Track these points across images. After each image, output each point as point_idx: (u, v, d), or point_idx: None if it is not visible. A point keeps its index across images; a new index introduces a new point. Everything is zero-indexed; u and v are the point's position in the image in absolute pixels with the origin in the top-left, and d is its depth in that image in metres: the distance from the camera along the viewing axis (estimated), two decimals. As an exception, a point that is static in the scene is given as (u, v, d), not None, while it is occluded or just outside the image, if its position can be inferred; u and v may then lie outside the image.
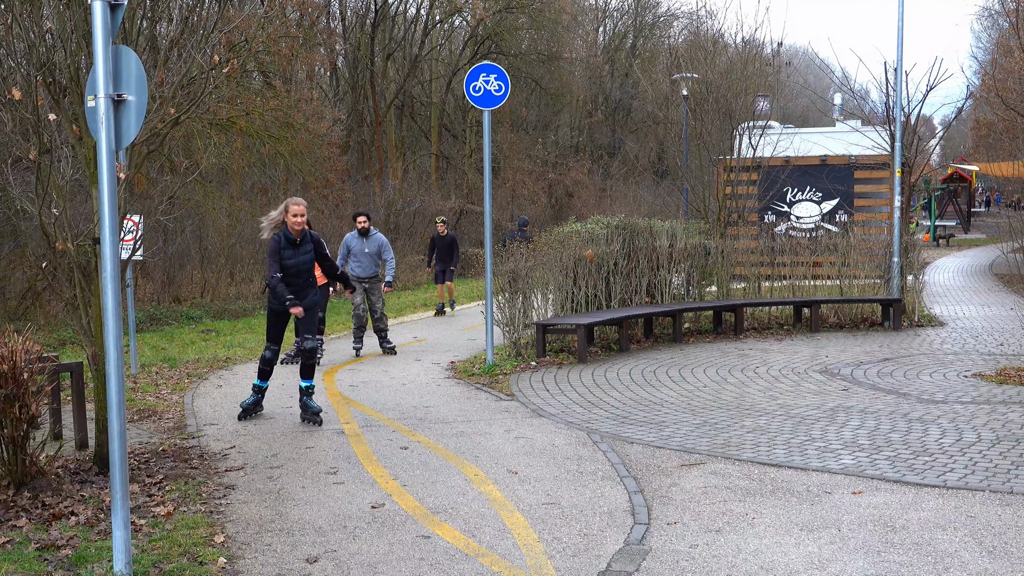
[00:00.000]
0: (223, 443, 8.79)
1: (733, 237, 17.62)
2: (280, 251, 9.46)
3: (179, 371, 12.93)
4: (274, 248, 9.47)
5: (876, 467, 7.66)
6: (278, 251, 9.46)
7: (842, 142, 21.88)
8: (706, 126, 19.10)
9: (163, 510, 6.70)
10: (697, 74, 21.13)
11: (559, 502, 6.92)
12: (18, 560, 5.70)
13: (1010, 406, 9.84)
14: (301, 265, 9.60)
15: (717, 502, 6.87)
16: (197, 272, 22.52)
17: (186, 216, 22.24)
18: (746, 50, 21.96)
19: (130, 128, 5.28)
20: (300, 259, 9.59)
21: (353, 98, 37.82)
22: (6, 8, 7.76)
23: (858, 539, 6.07)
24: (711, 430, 9.02)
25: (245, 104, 25.92)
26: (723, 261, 16.85)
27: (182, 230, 22.17)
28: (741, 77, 19.51)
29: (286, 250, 9.50)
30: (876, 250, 17.61)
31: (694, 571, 5.58)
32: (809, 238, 18.63)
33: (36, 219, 7.36)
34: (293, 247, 9.54)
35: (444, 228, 19.89)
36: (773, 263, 17.40)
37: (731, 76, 19.52)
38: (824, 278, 17.58)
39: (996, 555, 5.77)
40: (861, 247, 17.66)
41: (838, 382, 11.29)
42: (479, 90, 12.71)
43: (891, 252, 16.91)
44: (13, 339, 7.18)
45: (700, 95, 20.72)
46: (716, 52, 21.84)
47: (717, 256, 16.83)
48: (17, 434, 6.97)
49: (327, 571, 5.65)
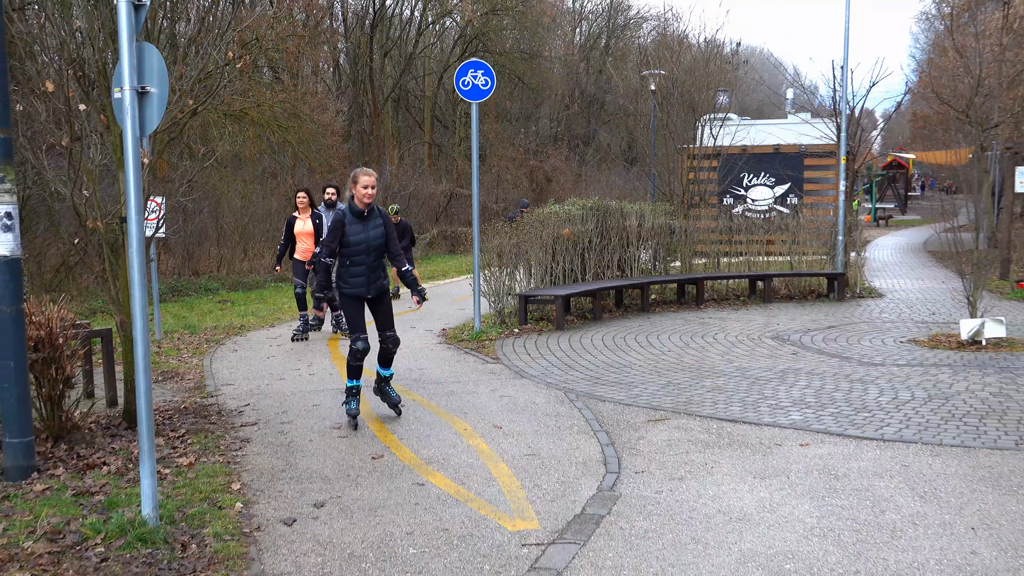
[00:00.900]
0: (238, 401, 8.79)
1: (695, 218, 17.63)
2: (344, 226, 7.71)
3: (198, 337, 12.91)
4: (337, 223, 7.71)
5: (821, 422, 7.72)
6: (341, 227, 7.70)
7: (793, 133, 21.89)
8: (672, 118, 19.07)
9: (185, 461, 6.71)
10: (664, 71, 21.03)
11: (539, 453, 6.96)
12: (56, 505, 5.71)
13: (940, 368, 9.91)
14: (372, 241, 7.77)
15: (680, 453, 6.92)
16: (214, 248, 22.44)
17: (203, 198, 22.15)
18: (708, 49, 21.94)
19: (153, 118, 5.26)
20: (369, 234, 7.77)
21: (354, 91, 37.63)
22: (39, 8, 7.70)
23: (805, 486, 6.13)
24: (674, 389, 9.06)
25: (256, 96, 25.80)
26: (686, 239, 16.89)
27: (200, 211, 22.08)
28: (703, 74, 19.48)
29: (352, 225, 7.73)
30: (823, 229, 17.69)
31: (659, 514, 5.63)
32: (763, 219, 18.66)
33: (68, 200, 7.33)
34: (360, 221, 7.76)
35: (397, 219, 16.80)
36: (731, 241, 17.46)
37: (694, 73, 19.49)
38: (776, 254, 17.65)
39: (927, 500, 5.83)
40: (809, 227, 17.76)
41: (788, 347, 11.35)
42: (468, 85, 12.66)
43: (836, 231, 16.97)
44: (49, 308, 7.18)
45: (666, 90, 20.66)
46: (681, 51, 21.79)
47: (681, 235, 16.86)
48: (54, 393, 6.98)
49: (332, 514, 5.68)
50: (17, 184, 6.27)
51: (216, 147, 20.27)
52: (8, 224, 6.20)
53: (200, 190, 21.32)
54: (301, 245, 12.50)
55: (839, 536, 5.25)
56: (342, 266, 7.81)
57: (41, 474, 6.32)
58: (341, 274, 7.83)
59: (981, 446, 6.97)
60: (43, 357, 6.86)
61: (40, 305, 7.23)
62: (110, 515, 5.47)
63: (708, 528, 5.39)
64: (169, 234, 16.70)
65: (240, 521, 5.53)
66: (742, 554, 5.01)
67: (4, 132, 6.17)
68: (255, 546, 5.17)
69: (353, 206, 7.76)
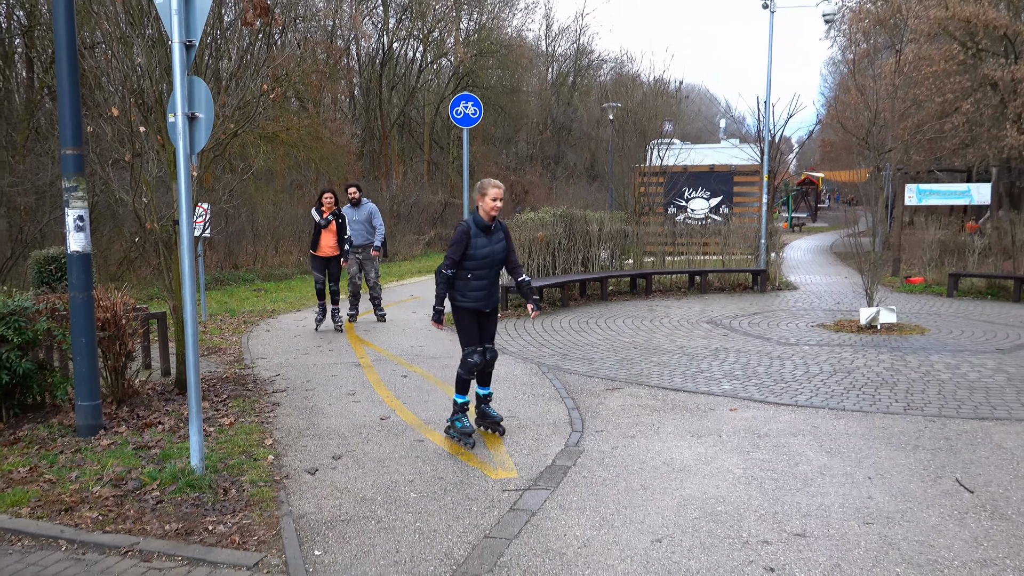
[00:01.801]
0: (271, 372, 8.75)
1: (645, 224, 17.63)
2: (470, 239, 6.19)
3: (237, 319, 12.82)
4: (461, 235, 6.19)
5: (747, 391, 7.76)
6: (466, 239, 6.18)
7: (725, 155, 21.93)
8: (626, 142, 19.05)
9: (226, 420, 6.68)
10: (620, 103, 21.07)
11: (517, 416, 6.96)
12: (120, 456, 5.68)
13: (843, 348, 9.98)
14: (495, 255, 6.30)
15: (632, 416, 6.94)
16: (250, 246, 22.26)
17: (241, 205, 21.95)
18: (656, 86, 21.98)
19: (200, 138, 5.23)
20: (493, 248, 6.28)
21: (366, 118, 37.38)
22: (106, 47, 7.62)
23: (733, 443, 6.16)
24: (628, 364, 9.08)
25: (285, 122, 25.70)
26: (638, 241, 16.90)
27: (238, 215, 21.89)
28: (652, 106, 19.49)
29: (478, 238, 6.21)
30: (748, 234, 17.73)
31: (615, 465, 5.65)
32: (700, 225, 18.69)
33: (130, 205, 7.28)
34: (486, 235, 6.24)
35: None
36: (674, 243, 17.48)
37: (645, 105, 19.50)
38: (711, 254, 17.68)
39: (832, 454, 5.88)
40: (738, 232, 17.79)
41: (720, 330, 11.40)
42: (460, 113, 12.63)
43: (759, 236, 17.04)
44: (114, 295, 7.14)
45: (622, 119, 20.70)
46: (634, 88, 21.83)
47: (633, 238, 16.87)
48: (118, 364, 6.94)
49: (348, 465, 5.67)
50: (87, 192, 6.22)
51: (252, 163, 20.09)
52: (80, 225, 6.15)
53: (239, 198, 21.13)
54: (323, 242, 11.53)
55: (761, 484, 5.28)
56: (461, 279, 6.28)
57: (107, 431, 6.28)
58: (460, 287, 6.30)
59: (876, 411, 7.03)
60: (109, 335, 6.82)
61: (106, 292, 7.19)
62: (164, 465, 5.45)
63: (655, 477, 5.41)
64: (213, 234, 16.59)
65: (272, 470, 5.52)
66: (682, 498, 5.04)
67: (77, 149, 6.13)
68: (284, 491, 5.16)
69: (479, 219, 6.22)
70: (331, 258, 11.45)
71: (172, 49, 5.07)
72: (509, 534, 4.52)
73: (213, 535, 4.49)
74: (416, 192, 32.89)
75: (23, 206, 16.13)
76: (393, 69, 38.17)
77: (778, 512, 4.81)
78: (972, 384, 7.96)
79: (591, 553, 4.28)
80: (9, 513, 4.77)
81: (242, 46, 16.16)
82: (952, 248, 17.76)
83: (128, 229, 16.04)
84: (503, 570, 4.09)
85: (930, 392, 7.66)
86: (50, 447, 5.92)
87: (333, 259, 11.49)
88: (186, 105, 5.13)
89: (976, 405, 7.18)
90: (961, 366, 8.80)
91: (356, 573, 4.07)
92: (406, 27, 37.94)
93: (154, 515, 4.73)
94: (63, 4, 6.00)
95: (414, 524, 4.66)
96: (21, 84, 22.55)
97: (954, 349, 9.80)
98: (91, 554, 4.30)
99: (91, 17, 7.83)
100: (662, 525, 4.63)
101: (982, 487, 5.21)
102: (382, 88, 36.74)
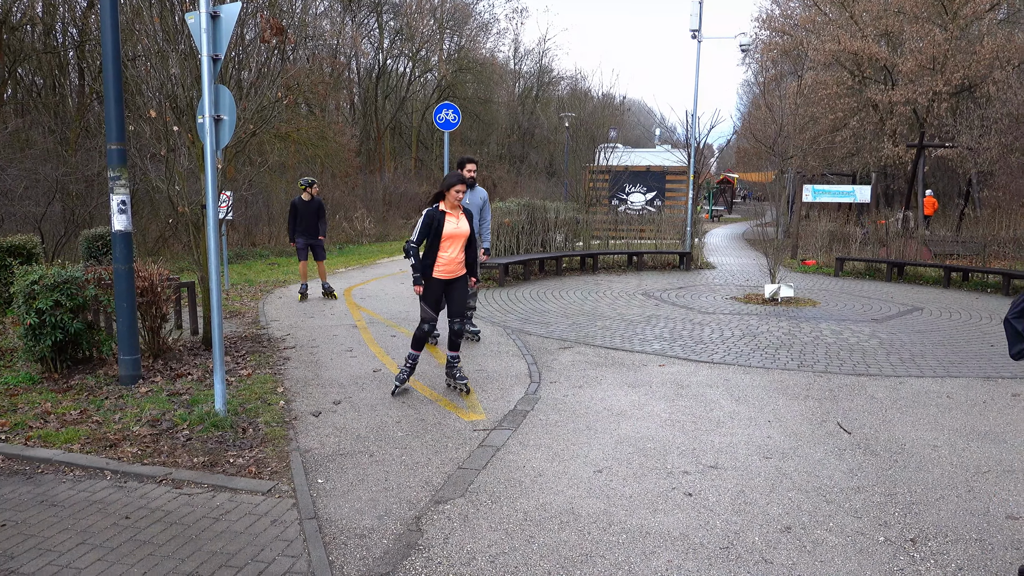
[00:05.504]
0: (282, 332, 8.67)
1: (593, 213, 17.65)
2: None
3: (255, 288, 12.65)
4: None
5: (673, 351, 7.84)
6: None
7: (659, 158, 21.95)
8: (579, 145, 19.04)
9: (245, 372, 6.62)
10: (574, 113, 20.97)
11: (486, 369, 6.97)
12: (155, 402, 5.61)
13: (751, 316, 10.11)
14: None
15: (580, 370, 6.99)
16: (266, 227, 21.93)
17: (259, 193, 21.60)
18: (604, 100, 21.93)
19: (224, 137, 5.13)
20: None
21: (364, 122, 36.84)
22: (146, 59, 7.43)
23: (661, 392, 6.23)
24: (577, 327, 9.12)
25: (296, 123, 25.27)
26: (587, 227, 16.92)
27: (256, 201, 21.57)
28: (601, 116, 19.52)
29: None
30: (677, 223, 17.82)
31: (566, 409, 5.69)
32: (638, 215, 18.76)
33: (165, 192, 7.16)
34: None
35: (309, 193, 10.80)
36: (616, 229, 17.53)
37: (594, 115, 19.51)
38: (646, 239, 17.77)
39: (741, 402, 5.97)
40: (668, 221, 17.88)
41: (652, 300, 11.48)
42: (442, 119, 12.48)
43: (685, 224, 17.12)
44: (151, 267, 7.01)
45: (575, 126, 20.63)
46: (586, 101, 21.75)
47: (583, 224, 16.89)
48: (154, 325, 6.83)
49: (346, 409, 5.65)
50: (129, 180, 6.09)
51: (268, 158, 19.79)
52: (123, 208, 6.02)
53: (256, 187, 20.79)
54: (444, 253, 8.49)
55: (683, 426, 5.35)
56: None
57: (145, 380, 6.19)
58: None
59: (776, 367, 7.14)
60: (147, 300, 6.71)
61: (144, 265, 7.07)
62: (193, 409, 5.39)
63: (597, 420, 5.46)
64: (235, 217, 16.32)
65: (283, 413, 5.48)
66: (620, 437, 5.09)
67: (120, 144, 5.99)
68: (293, 430, 5.14)
69: None
70: (454, 281, 6.11)
71: (201, 62, 4.95)
72: (478, 465, 4.54)
73: (234, 466, 4.46)
74: (405, 184, 32.60)
75: (75, 192, 15.90)
76: (387, 81, 37.66)
77: (696, 448, 4.88)
78: (852, 347, 8.11)
79: (545, 481, 4.32)
80: (63, 448, 4.70)
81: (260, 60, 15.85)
82: (839, 237, 18.00)
83: (163, 212, 15.70)
84: (473, 495, 4.12)
85: (819, 353, 7.79)
86: (97, 394, 5.83)
87: (457, 281, 6.12)
88: (213, 109, 5.03)
89: (854, 364, 7.33)
90: (843, 332, 8.96)
91: (352, 497, 4.07)
92: (398, 47, 37.48)
93: (184, 450, 4.69)
94: (110, 22, 5.85)
95: (400, 458, 4.67)
96: (73, 90, 22.22)
97: (838, 319, 9.97)
98: (131, 482, 4.26)
99: (133, 34, 7.60)
100: (603, 458, 4.68)
101: (857, 429, 5.34)
102: (377, 97, 36.29)
